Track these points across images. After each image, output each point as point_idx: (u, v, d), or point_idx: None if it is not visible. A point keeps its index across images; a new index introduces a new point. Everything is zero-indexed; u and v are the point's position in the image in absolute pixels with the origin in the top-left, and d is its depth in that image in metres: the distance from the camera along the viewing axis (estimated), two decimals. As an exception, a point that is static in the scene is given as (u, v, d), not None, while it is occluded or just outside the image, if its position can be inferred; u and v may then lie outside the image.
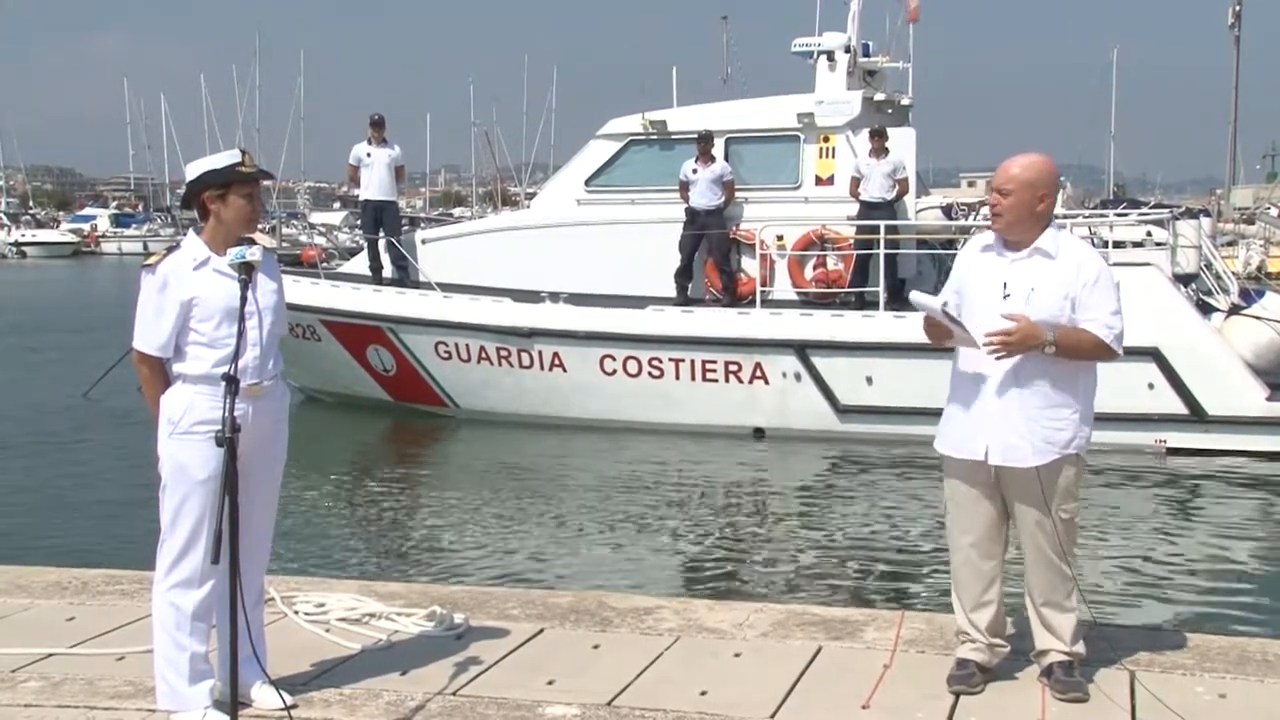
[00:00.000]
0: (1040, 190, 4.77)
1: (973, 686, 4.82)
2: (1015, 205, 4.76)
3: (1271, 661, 5.11)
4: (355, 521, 11.48)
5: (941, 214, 16.97)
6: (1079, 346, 4.68)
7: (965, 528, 4.93)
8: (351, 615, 5.70)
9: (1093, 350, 4.72)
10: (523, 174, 78.96)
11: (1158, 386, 13.41)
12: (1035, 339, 4.61)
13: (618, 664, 5.16)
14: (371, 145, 16.80)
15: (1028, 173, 4.77)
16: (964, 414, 4.85)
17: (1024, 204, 4.76)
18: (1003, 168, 4.83)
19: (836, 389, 14.42)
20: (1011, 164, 4.80)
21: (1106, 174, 79.10)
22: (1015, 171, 4.78)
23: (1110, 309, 4.72)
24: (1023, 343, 4.60)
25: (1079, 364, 4.76)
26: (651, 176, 16.09)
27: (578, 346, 15.14)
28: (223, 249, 4.50)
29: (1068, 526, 4.82)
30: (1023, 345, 4.61)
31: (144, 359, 4.57)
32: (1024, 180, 4.75)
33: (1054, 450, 4.72)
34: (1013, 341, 4.61)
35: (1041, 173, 4.78)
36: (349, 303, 16.22)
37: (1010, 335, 4.60)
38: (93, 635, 5.55)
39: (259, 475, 4.59)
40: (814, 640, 5.44)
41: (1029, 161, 4.81)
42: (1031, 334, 4.60)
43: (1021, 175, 4.76)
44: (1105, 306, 4.72)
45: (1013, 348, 4.62)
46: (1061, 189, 30.59)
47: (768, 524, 11.42)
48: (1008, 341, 4.60)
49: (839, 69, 16.22)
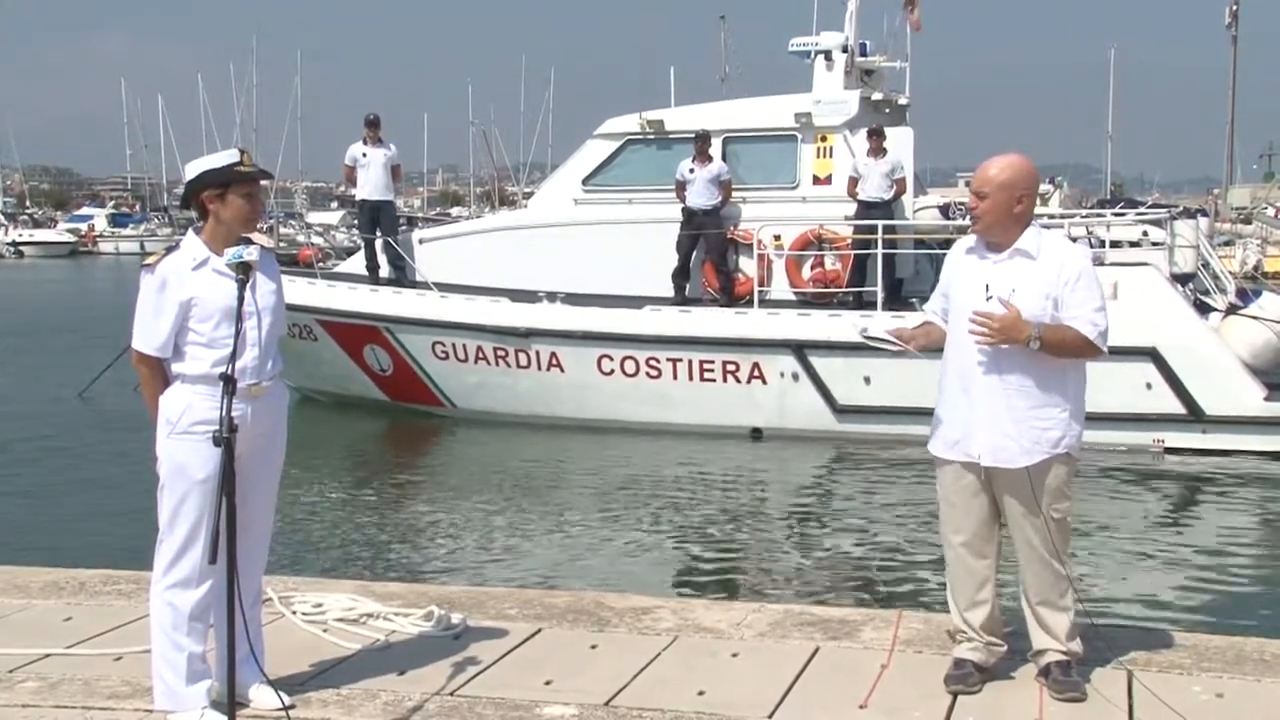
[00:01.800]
0: (1018, 191, 4.76)
1: (970, 686, 4.82)
2: (993, 207, 4.76)
3: (1269, 661, 5.12)
4: (353, 522, 11.47)
5: (939, 214, 16.98)
6: (1064, 343, 4.67)
7: (957, 528, 4.94)
8: (349, 615, 5.70)
9: (1078, 347, 4.71)
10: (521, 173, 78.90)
11: (1155, 386, 13.42)
12: (1019, 332, 4.59)
13: (615, 664, 5.16)
14: (367, 145, 16.78)
15: (1004, 174, 4.77)
16: (953, 415, 4.87)
17: (1001, 205, 4.76)
18: (980, 170, 4.83)
19: (834, 389, 14.42)
20: (989, 165, 4.81)
21: (1104, 173, 79.09)
22: (992, 173, 4.78)
23: (1094, 306, 4.71)
24: (1004, 331, 4.59)
25: (1067, 363, 4.76)
26: (649, 176, 16.08)
27: (575, 346, 15.13)
28: (222, 249, 4.47)
29: (1060, 526, 4.82)
30: (1005, 334, 4.60)
31: (143, 359, 4.57)
32: (1000, 182, 4.75)
33: (1043, 450, 4.73)
34: (995, 328, 4.59)
35: (1018, 173, 4.78)
36: (346, 302, 16.21)
37: (994, 321, 4.59)
38: (90, 635, 5.54)
39: (257, 475, 4.59)
40: (811, 640, 5.44)
41: (1006, 163, 4.81)
42: (1016, 326, 4.59)
43: (998, 177, 4.76)
44: (1088, 304, 4.71)
45: (995, 335, 4.61)
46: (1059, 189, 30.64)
47: (765, 524, 11.42)
48: (991, 327, 4.60)
49: (836, 68, 16.23)
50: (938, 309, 5.07)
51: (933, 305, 5.13)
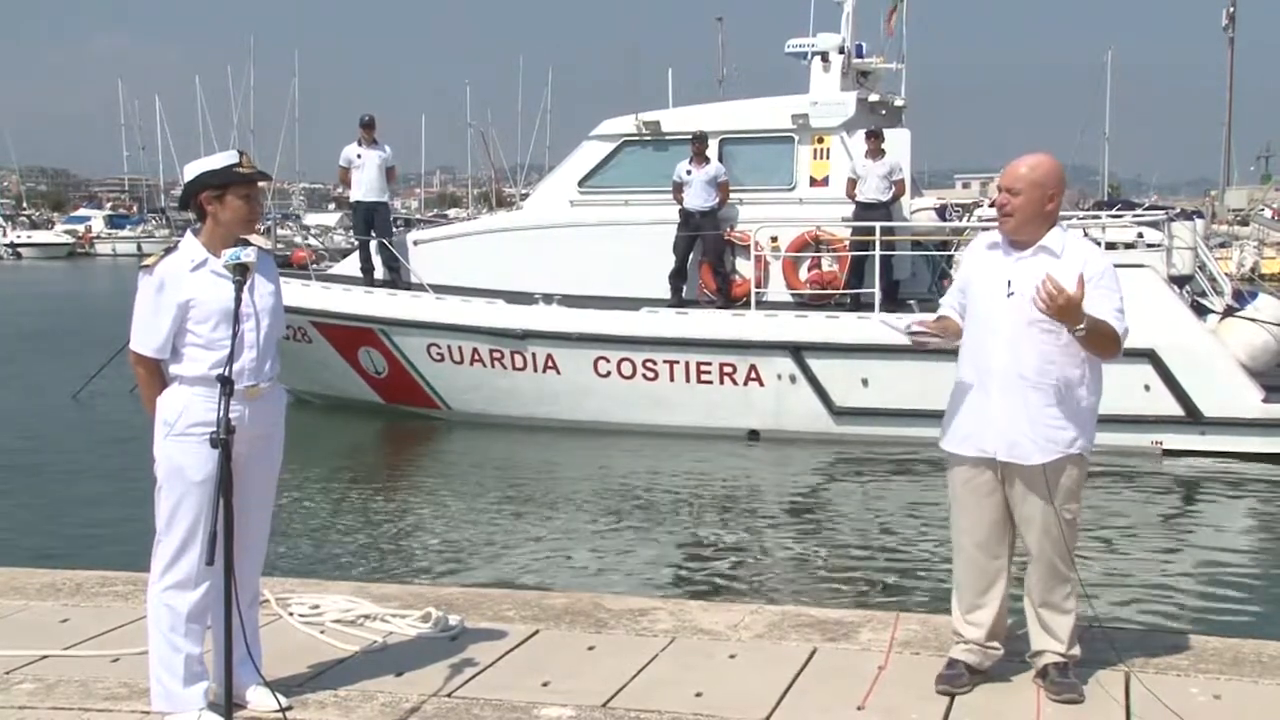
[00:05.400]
0: (1049, 190, 4.77)
1: (958, 687, 4.81)
2: (1025, 205, 4.75)
3: (1266, 662, 5.12)
4: (350, 524, 11.46)
5: (936, 215, 16.99)
6: (1101, 336, 4.61)
7: (968, 527, 4.92)
8: (346, 617, 5.70)
9: (1109, 342, 4.66)
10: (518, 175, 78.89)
11: (1154, 388, 13.43)
12: (1076, 315, 4.48)
13: (613, 665, 5.15)
14: (362, 146, 16.77)
15: (1036, 172, 4.77)
16: (968, 411, 4.84)
17: (1033, 203, 4.75)
18: (1010, 168, 4.82)
19: (832, 391, 14.41)
20: (1020, 164, 4.80)
21: (1101, 175, 79.20)
22: (1024, 171, 4.77)
23: (1116, 305, 4.69)
24: (1064, 308, 4.45)
25: (1084, 363, 4.73)
26: (645, 177, 16.08)
27: (571, 348, 15.12)
28: (220, 250, 4.46)
29: (1070, 527, 4.80)
30: (1062, 310, 4.46)
31: (141, 360, 4.56)
32: (1033, 180, 4.75)
33: (1058, 448, 4.71)
34: (1059, 302, 4.44)
35: (1050, 173, 4.79)
36: (340, 304, 16.19)
37: (1060, 294, 4.43)
38: (87, 637, 5.54)
39: (255, 477, 4.58)
40: (809, 642, 5.44)
41: (1037, 161, 4.81)
42: (1078, 309, 4.47)
43: (1030, 175, 4.76)
44: (1111, 302, 4.69)
45: (1054, 306, 4.46)
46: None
47: (763, 526, 11.41)
48: (1054, 296, 4.43)
49: (833, 70, 16.24)
50: (955, 304, 5.02)
51: (950, 300, 5.07)
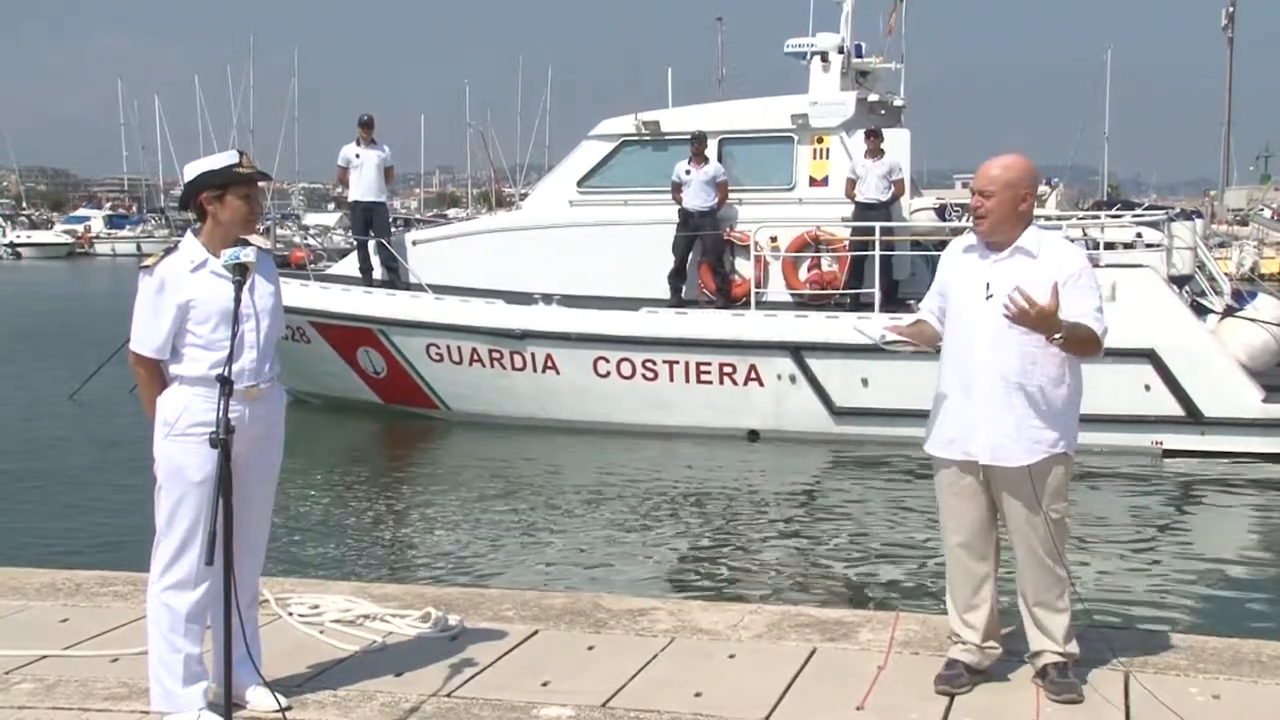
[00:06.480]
0: (1022, 190, 4.77)
1: (957, 687, 4.82)
2: (998, 206, 4.76)
3: (1265, 662, 5.12)
4: (349, 524, 11.46)
5: (935, 215, 16.98)
6: (1081, 341, 4.62)
7: (955, 529, 4.93)
8: (346, 617, 5.70)
9: (1089, 344, 4.66)
10: (518, 175, 78.93)
11: (1154, 388, 13.43)
12: (1053, 325, 4.48)
13: (612, 665, 5.15)
14: (360, 146, 16.77)
15: (1008, 173, 4.77)
16: (952, 414, 4.85)
17: (1006, 204, 4.76)
18: (982, 170, 4.83)
19: (831, 391, 14.41)
20: (991, 165, 4.81)
21: (1100, 175, 79.27)
22: (996, 173, 4.78)
23: (1094, 305, 4.69)
24: (1038, 319, 4.46)
25: (1066, 364, 4.74)
26: (644, 177, 16.06)
27: (570, 348, 15.11)
28: (220, 250, 4.46)
29: (1058, 526, 4.81)
30: (1041, 321, 4.47)
31: (141, 360, 4.55)
32: (1005, 181, 4.76)
33: (1043, 449, 4.72)
34: (1031, 313, 4.44)
35: (1022, 172, 4.79)
36: (339, 304, 16.18)
37: (1032, 306, 4.43)
38: (87, 637, 5.54)
39: (254, 477, 4.58)
40: (809, 642, 5.44)
41: (1008, 162, 4.81)
42: (1053, 318, 4.47)
43: (1003, 176, 4.77)
44: (1089, 302, 4.69)
45: (1027, 317, 4.46)
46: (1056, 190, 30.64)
47: (762, 526, 11.41)
48: (1025, 309, 4.44)
49: (833, 70, 16.23)
50: (934, 308, 5.04)
51: (928, 304, 5.09)
